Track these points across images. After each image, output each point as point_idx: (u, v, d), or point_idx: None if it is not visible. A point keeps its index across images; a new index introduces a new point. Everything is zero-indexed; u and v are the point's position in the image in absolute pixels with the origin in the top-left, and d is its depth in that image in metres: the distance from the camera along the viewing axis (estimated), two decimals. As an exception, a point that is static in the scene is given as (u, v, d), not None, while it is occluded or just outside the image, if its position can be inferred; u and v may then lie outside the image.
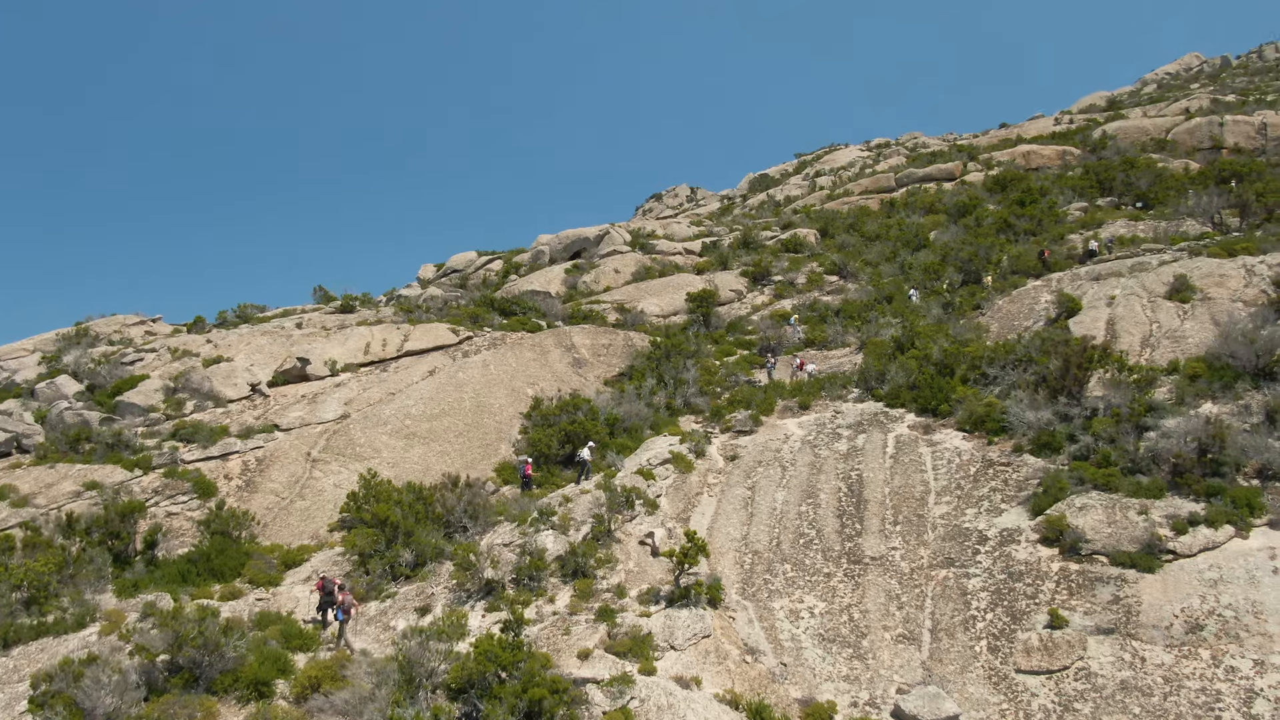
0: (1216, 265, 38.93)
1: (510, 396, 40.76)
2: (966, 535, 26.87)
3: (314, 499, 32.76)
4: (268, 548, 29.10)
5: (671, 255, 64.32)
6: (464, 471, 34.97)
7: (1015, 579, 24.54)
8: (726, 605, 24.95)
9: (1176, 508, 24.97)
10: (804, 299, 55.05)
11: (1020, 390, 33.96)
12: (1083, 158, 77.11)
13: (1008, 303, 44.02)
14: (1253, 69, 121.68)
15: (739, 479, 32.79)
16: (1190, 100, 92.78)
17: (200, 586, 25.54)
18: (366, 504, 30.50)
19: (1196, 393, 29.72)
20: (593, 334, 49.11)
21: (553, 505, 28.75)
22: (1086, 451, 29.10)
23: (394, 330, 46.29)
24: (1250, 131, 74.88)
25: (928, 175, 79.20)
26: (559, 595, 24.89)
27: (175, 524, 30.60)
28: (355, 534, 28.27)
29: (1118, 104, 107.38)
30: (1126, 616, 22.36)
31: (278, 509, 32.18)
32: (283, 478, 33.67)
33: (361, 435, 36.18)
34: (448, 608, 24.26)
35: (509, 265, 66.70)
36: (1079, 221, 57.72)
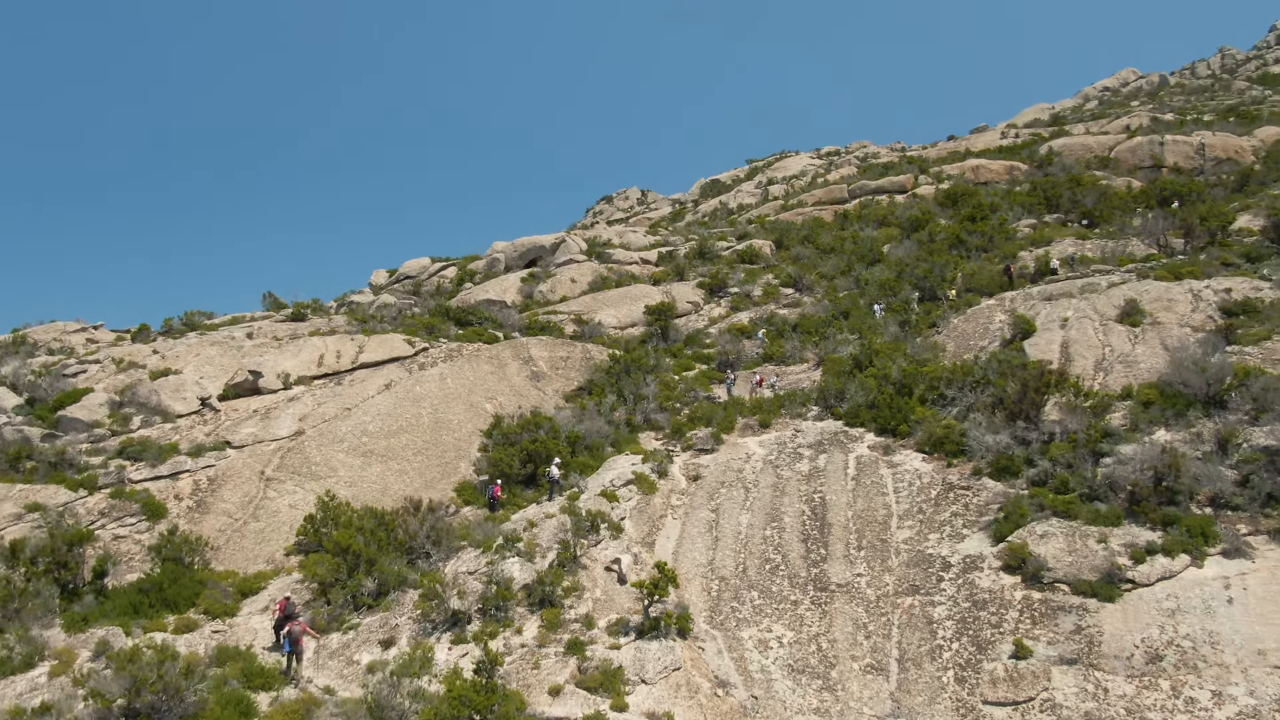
0: (1165, 289, 39.91)
1: (469, 412, 40.23)
2: (930, 562, 27.13)
3: (269, 520, 31.93)
4: (222, 574, 28.26)
5: (628, 265, 64.15)
6: (423, 491, 34.45)
7: (980, 607, 24.83)
8: (695, 635, 24.86)
9: (1134, 536, 25.49)
10: (761, 312, 55.28)
11: (978, 412, 34.46)
12: (1030, 173, 78.78)
13: (963, 321, 44.65)
14: (1189, 88, 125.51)
15: (702, 500, 32.75)
16: (1131, 118, 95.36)
17: (153, 619, 24.66)
18: (324, 527, 29.83)
19: (1150, 420, 30.40)
20: (550, 346, 48.70)
21: (518, 531, 28.39)
22: (1045, 476, 29.63)
23: (348, 341, 45.38)
24: (1189, 151, 77.15)
25: (880, 187, 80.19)
26: (526, 626, 24.57)
27: (123, 548, 29.59)
28: (314, 560, 27.59)
29: (1061, 119, 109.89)
30: (1089, 646, 22.74)
31: (231, 531, 31.30)
32: (236, 498, 32.76)
33: (317, 453, 35.38)
34: (413, 640, 23.78)
35: (463, 273, 65.90)
36: (1028, 239, 58.88)
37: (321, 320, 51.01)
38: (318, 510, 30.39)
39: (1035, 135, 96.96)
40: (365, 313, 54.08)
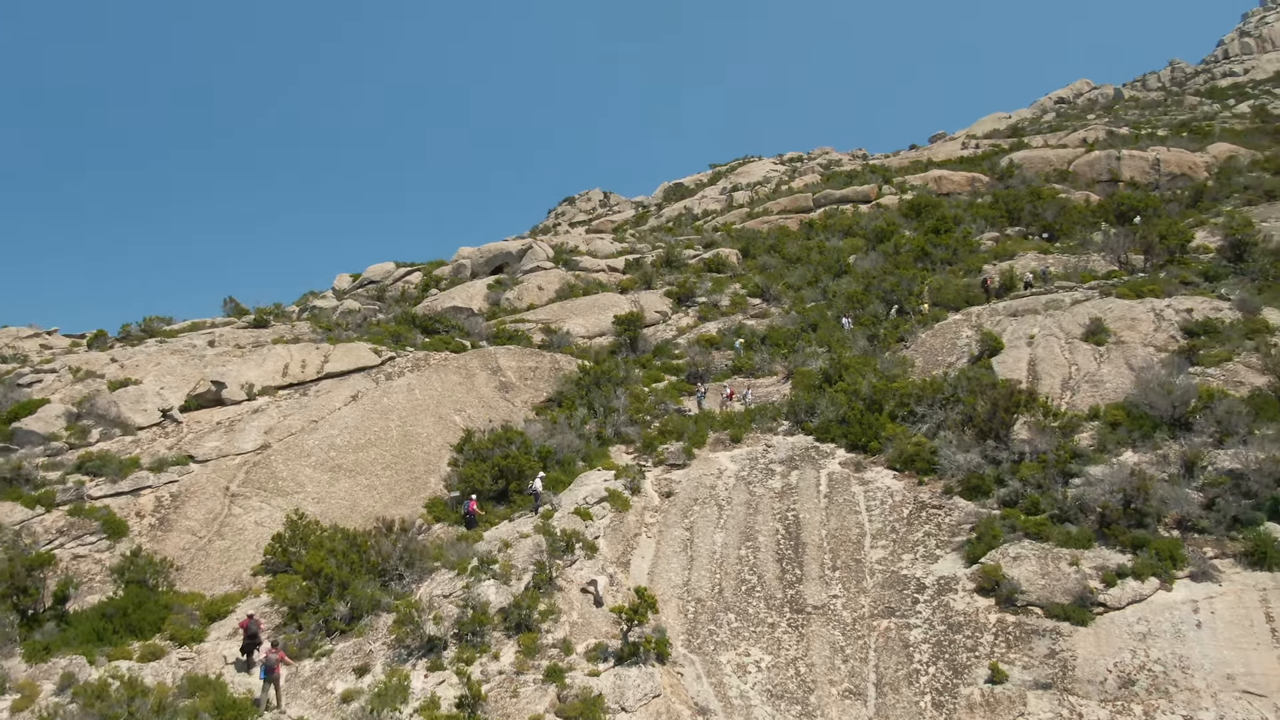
0: (1128, 308, 40.59)
1: (438, 425, 39.75)
2: (905, 583, 27.30)
3: (234, 538, 31.25)
4: (187, 596, 27.57)
5: (595, 272, 63.92)
6: (393, 508, 33.99)
7: (955, 630, 25.02)
8: (674, 660, 24.74)
9: (1105, 559, 25.86)
10: (729, 322, 55.39)
11: (948, 430, 34.80)
12: (991, 185, 79.88)
13: (930, 336, 45.07)
14: (1143, 103, 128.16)
15: (676, 518, 32.67)
16: (1088, 131, 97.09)
17: (118, 645, 23.95)
18: (293, 547, 29.29)
19: (1118, 441, 30.88)
20: (519, 356, 48.32)
21: (493, 553, 28.06)
22: (1015, 496, 29.98)
23: (313, 350, 44.61)
24: (1145, 166, 78.75)
25: (844, 197, 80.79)
26: (504, 651, 24.27)
27: (83, 568, 28.78)
28: (284, 582, 27.06)
29: (1020, 131, 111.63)
30: (1063, 671, 23.03)
31: (195, 550, 30.58)
32: (200, 515, 32.02)
33: (284, 468, 34.72)
34: (388, 667, 23.39)
35: (429, 278, 65.19)
36: (992, 252, 59.63)
37: (285, 327, 50.13)
38: (286, 529, 29.82)
39: (995, 146, 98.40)
40: (329, 319, 53.30)
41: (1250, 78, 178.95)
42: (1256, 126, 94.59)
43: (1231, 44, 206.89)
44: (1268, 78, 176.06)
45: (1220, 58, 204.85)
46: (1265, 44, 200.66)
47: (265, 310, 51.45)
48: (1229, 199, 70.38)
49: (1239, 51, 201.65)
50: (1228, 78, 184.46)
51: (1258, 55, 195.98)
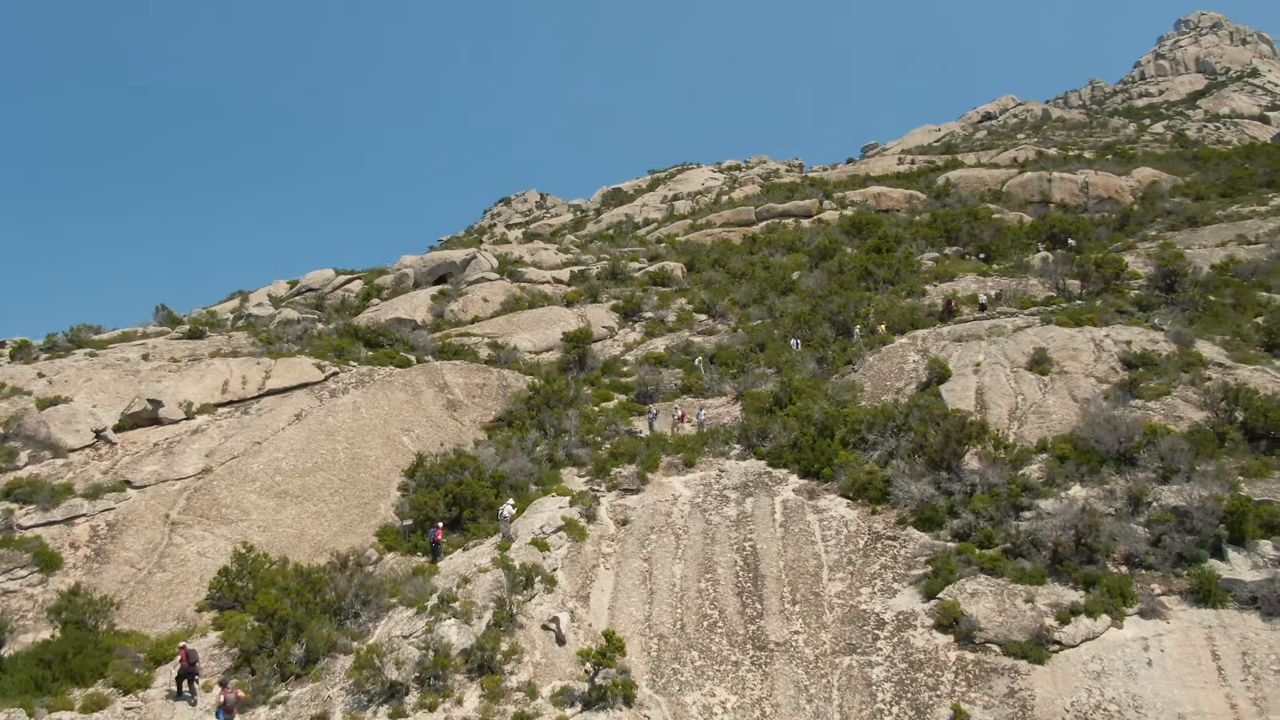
0: (1069, 338, 41.70)
1: (386, 446, 38.85)
2: (865, 619, 27.54)
3: (176, 570, 30.03)
4: (130, 637, 26.34)
5: (540, 284, 63.35)
6: (342, 536, 33.14)
7: (916, 668, 25.32)
8: (640, 702, 24.53)
9: (1059, 596, 26.47)
10: (676, 339, 55.41)
11: (900, 458, 35.30)
12: (928, 203, 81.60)
13: (878, 360, 45.69)
14: (1069, 123, 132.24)
15: (634, 548, 32.46)
16: (1019, 150, 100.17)
17: (58, 695, 22.72)
18: (240, 581, 28.27)
19: (1066, 474, 31.66)
20: (466, 372, 47.56)
21: (453, 589, 27.44)
22: (968, 529, 30.52)
23: (254, 365, 43.23)
24: (1074, 189, 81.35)
25: (786, 211, 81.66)
26: (467, 696, 23.75)
27: (15, 604, 27.32)
28: (234, 620, 26.08)
29: (953, 147, 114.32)
30: (1022, 710, 23.47)
31: (135, 583, 29.30)
32: (138, 545, 30.69)
33: (227, 494, 33.50)
34: (348, 714, 22.68)
35: (370, 287, 63.78)
36: (933, 272, 60.85)
37: (221, 338, 48.48)
38: (233, 562, 28.76)
39: (930, 163, 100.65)
40: (267, 329, 51.70)
41: (1165, 99, 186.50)
42: (1176, 152, 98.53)
43: (1148, 65, 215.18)
44: (1180, 99, 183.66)
45: (1137, 78, 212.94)
46: (1179, 67, 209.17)
47: (200, 320, 49.65)
48: (1154, 223, 73.03)
49: (1154, 73, 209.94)
50: (1144, 98, 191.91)
51: (1171, 77, 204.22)
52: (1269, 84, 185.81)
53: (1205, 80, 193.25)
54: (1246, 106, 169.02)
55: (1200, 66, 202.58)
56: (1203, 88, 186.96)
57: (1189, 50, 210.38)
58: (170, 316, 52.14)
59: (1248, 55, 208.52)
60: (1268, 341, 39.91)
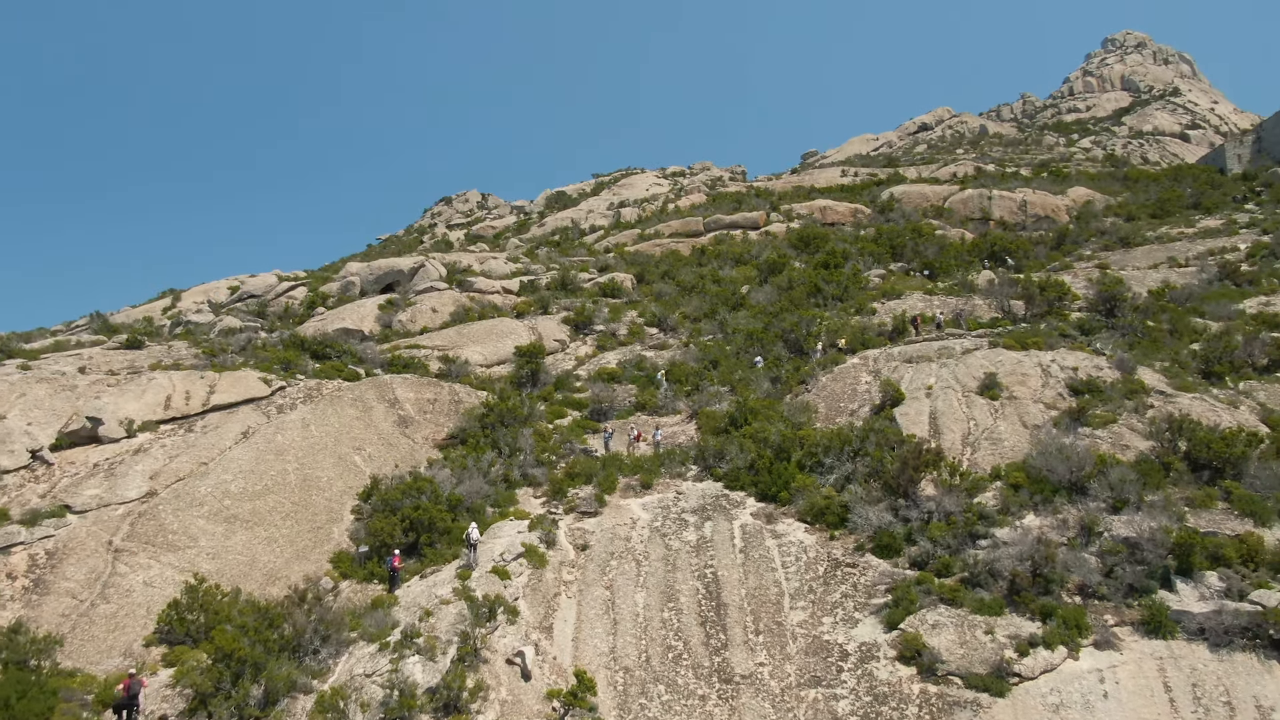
0: (1017, 363, 42.63)
1: (338, 466, 37.96)
2: (829, 650, 27.76)
3: (121, 602, 28.86)
4: (74, 675, 25.19)
5: (490, 294, 62.62)
6: (295, 563, 32.27)
7: (881, 701, 25.59)
8: (610, 741, 24.35)
9: (1018, 627, 27.02)
10: (628, 353, 55.27)
11: (856, 483, 35.71)
12: (873, 218, 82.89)
13: (831, 380, 46.15)
14: (1006, 139, 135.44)
15: (595, 575, 32.26)
16: (958, 166, 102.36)
17: (3, 745, 21.71)
18: (191, 614, 27.31)
19: (1020, 503, 32.36)
20: (416, 386, 46.72)
21: (416, 624, 26.89)
22: (926, 557, 30.98)
23: (198, 379, 41.90)
24: (1013, 207, 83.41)
25: (734, 223, 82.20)
26: (434, 737, 23.31)
27: (-52, 641, 25.95)
28: (184, 656, 25.16)
29: (895, 160, 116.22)
30: (985, 745, 23.91)
31: (77, 616, 28.08)
32: (80, 575, 29.43)
33: (174, 519, 32.33)
34: (312, 760, 22.06)
35: (315, 295, 62.30)
36: (880, 289, 61.78)
37: (161, 348, 46.90)
38: (183, 595, 27.76)
39: (873, 175, 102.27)
40: (208, 338, 50.15)
41: (1092, 115, 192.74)
42: (1108, 171, 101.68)
43: (1076, 82, 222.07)
44: (1107, 115, 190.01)
45: (1066, 94, 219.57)
46: (1106, 84, 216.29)
47: (138, 329, 47.94)
48: (1088, 242, 75.30)
49: (1083, 89, 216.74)
50: (1073, 113, 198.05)
51: (1099, 94, 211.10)
52: (1189, 103, 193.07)
53: (1130, 98, 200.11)
54: (1168, 124, 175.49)
55: (1125, 84, 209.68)
56: (1128, 105, 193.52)
57: (1115, 68, 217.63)
58: (106, 324, 50.26)
59: (1170, 75, 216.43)
60: (1205, 369, 41.33)
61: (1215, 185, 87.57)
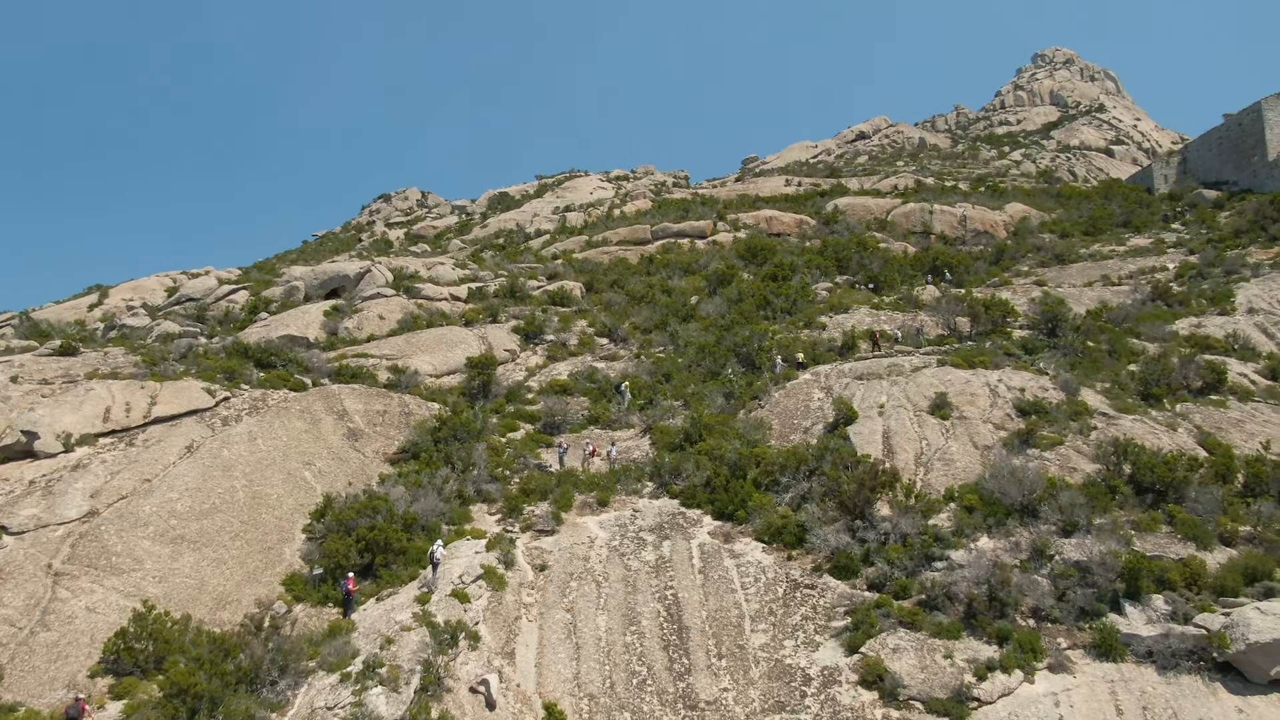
0: (965, 382, 43.54)
1: (288, 483, 37.02)
2: (791, 674, 27.95)
3: (63, 629, 27.68)
4: (14, 710, 24.06)
5: (438, 301, 61.72)
6: (246, 586, 31.35)
7: (844, 727, 25.86)
8: (578, 772, 24.15)
9: (975, 651, 27.55)
10: (579, 364, 55.00)
11: (813, 503, 36.06)
12: (818, 229, 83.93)
13: (784, 396, 46.55)
14: (944, 153, 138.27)
15: (555, 597, 32.00)
16: (899, 178, 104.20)
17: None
18: (139, 642, 26.35)
19: (974, 525, 33.01)
20: (365, 397, 45.84)
21: (378, 653, 26.31)
22: (883, 578, 31.44)
23: (138, 390, 40.45)
24: (954, 221, 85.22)
25: (681, 231, 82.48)
26: (400, 772, 22.84)
27: (-123, 675, 24.63)
28: (135, 690, 24.23)
29: (837, 170, 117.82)
30: (948, 771, 24.32)
31: (16, 645, 26.82)
32: (18, 601, 28.14)
33: (117, 540, 31.14)
34: (275, 799, 21.43)
35: (257, 299, 60.63)
36: (828, 303, 62.52)
37: (97, 355, 45.19)
38: (131, 623, 26.75)
39: (816, 185, 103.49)
40: (147, 344, 48.47)
41: (1022, 128, 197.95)
42: (1042, 188, 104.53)
43: (1007, 95, 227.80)
44: (1036, 129, 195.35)
45: (998, 106, 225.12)
46: (1035, 98, 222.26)
47: (72, 335, 46.09)
48: (1025, 257, 77.31)
49: (1013, 103, 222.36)
50: (1004, 126, 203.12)
51: (1029, 108, 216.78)
52: (1114, 119, 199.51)
53: (1058, 112, 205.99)
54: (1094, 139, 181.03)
55: (1054, 99, 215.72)
56: (1056, 119, 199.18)
57: (1044, 83, 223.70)
58: (35, 327, 48.19)
59: (1095, 91, 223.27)
60: (1143, 391, 42.67)
61: (1144, 204, 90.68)
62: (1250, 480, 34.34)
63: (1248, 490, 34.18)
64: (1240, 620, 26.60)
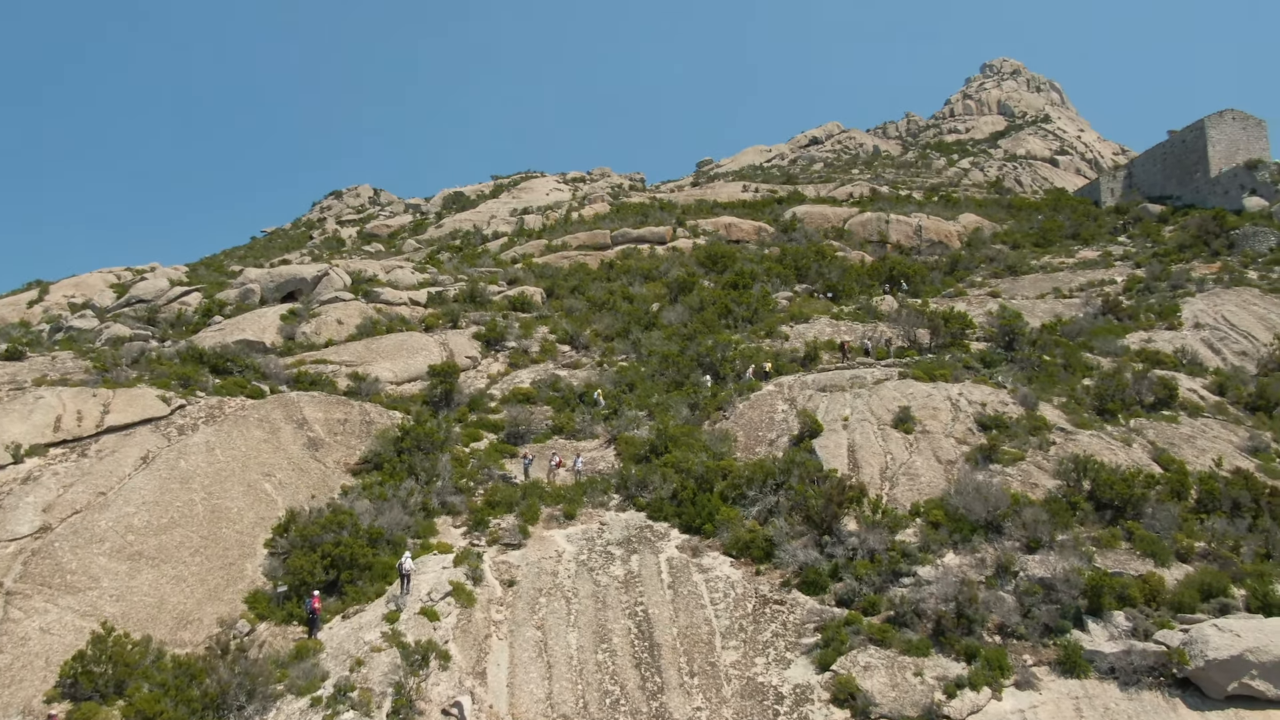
0: (927, 395, 44.11)
1: (248, 495, 36.20)
2: (763, 693, 28.04)
3: (16, 652, 26.73)
4: (-31, 739, 23.27)
5: (397, 306, 60.90)
6: (208, 604, 30.60)
7: (818, 747, 26.03)
8: (555, 797, 23.97)
9: (945, 669, 27.90)
10: (542, 372, 54.69)
11: (781, 517, 36.27)
12: (776, 236, 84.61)
13: (748, 408, 46.77)
14: (898, 161, 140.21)
15: (525, 614, 31.74)
16: (854, 186, 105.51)
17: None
18: (99, 666, 25.56)
19: (940, 541, 33.43)
20: (325, 405, 45.01)
21: (349, 676, 25.85)
22: (852, 594, 31.71)
23: (89, 397, 39.30)
24: (909, 231, 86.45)
25: (641, 236, 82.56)
26: (375, 800, 22.46)
27: None
28: (94, 717, 23.49)
29: (793, 178, 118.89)
30: (920, 789, 24.60)
31: (-33, 669, 25.90)
32: (-32, 622, 27.16)
33: (72, 558, 30.18)
34: (246, 831, 20.93)
35: (211, 302, 59.20)
36: (788, 312, 62.97)
37: (45, 360, 43.80)
38: (89, 645, 25.94)
39: (773, 192, 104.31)
40: (96, 348, 47.08)
41: (970, 136, 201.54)
42: (993, 198, 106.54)
43: (957, 104, 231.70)
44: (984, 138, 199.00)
45: (947, 115, 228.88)
46: (984, 108, 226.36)
47: (18, 339, 44.55)
48: (979, 268, 78.69)
49: (962, 112, 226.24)
50: (953, 134, 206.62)
51: (977, 117, 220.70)
52: (1059, 130, 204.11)
53: (1005, 122, 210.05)
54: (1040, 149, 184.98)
55: (1001, 109, 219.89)
56: (1003, 129, 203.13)
57: (992, 93, 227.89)
58: (-23, 331, 46.56)
59: (1041, 102, 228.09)
60: (1099, 406, 43.66)
61: (1091, 217, 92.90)
62: (1203, 497, 35.28)
63: (1201, 506, 35.12)
64: (1199, 637, 27.28)
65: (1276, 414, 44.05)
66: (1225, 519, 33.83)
